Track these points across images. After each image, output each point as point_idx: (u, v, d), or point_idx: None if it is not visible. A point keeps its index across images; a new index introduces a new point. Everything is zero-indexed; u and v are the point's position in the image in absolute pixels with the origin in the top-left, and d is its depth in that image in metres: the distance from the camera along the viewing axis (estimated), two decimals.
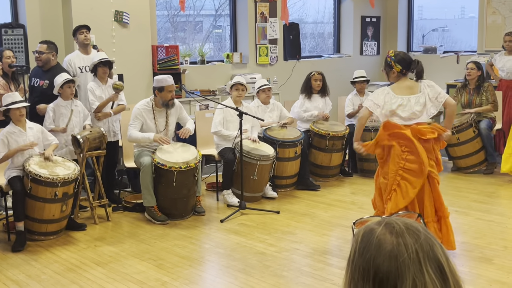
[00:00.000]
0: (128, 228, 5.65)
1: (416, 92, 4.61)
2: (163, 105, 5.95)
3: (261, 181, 6.38)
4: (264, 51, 9.09)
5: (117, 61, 7.04)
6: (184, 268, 4.57)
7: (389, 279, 1.14)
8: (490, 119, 7.45)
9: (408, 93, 4.61)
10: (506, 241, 4.99)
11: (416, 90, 4.63)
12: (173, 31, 9.38)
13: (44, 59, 6.14)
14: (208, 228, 5.60)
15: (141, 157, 5.87)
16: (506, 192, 6.59)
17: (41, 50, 6.15)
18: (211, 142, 6.73)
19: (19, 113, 5.24)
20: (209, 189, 7.01)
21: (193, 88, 8.05)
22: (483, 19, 9.40)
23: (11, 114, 5.25)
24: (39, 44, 6.23)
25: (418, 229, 1.20)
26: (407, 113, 4.55)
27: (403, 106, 4.56)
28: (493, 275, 4.28)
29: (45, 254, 4.96)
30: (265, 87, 6.91)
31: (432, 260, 1.16)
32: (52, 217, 5.23)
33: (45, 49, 6.15)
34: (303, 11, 10.58)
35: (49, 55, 6.16)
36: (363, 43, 10.56)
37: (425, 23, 11.58)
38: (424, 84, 4.66)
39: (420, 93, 4.60)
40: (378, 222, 1.22)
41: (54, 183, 5.12)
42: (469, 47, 10.21)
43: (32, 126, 5.42)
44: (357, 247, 1.21)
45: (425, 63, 9.98)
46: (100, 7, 7.16)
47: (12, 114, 5.24)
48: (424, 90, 4.60)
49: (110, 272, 4.52)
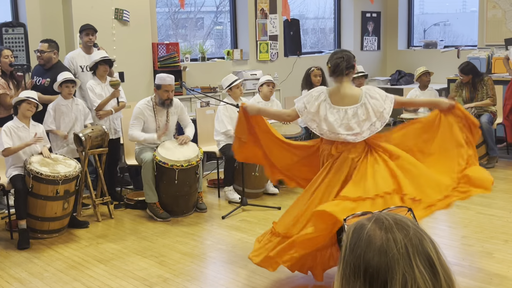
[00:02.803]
0: (130, 225, 5.68)
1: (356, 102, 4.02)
2: (159, 104, 5.96)
3: (263, 178, 6.39)
4: (265, 48, 9.10)
5: (118, 59, 7.05)
6: (186, 265, 4.59)
7: (379, 275, 1.16)
8: (491, 113, 7.44)
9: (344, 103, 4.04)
10: (506, 235, 5.00)
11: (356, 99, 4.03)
12: (174, 28, 9.39)
13: (46, 58, 6.18)
14: (210, 225, 5.62)
15: (142, 154, 5.89)
16: (507, 186, 6.60)
17: (42, 49, 6.18)
18: (212, 139, 6.74)
19: (29, 107, 5.29)
20: (210, 185, 7.03)
21: (193, 85, 8.06)
22: (484, 13, 9.39)
23: (21, 108, 5.31)
24: (40, 43, 6.25)
25: (407, 224, 1.21)
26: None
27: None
28: (494, 269, 4.30)
29: (47, 252, 4.99)
30: (269, 81, 6.89)
31: (422, 254, 1.17)
32: (54, 215, 5.26)
33: (46, 48, 6.18)
34: (304, 7, 10.57)
35: (50, 53, 6.19)
36: (364, 39, 10.55)
37: (426, 18, 11.56)
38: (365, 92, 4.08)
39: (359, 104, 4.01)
40: (368, 218, 1.24)
41: (55, 181, 5.14)
42: (470, 42, 10.19)
43: (35, 124, 5.48)
44: (348, 243, 1.22)
45: (425, 57, 10.15)
46: (100, 5, 7.17)
47: (22, 108, 5.30)
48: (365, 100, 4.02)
49: (112, 269, 4.54)
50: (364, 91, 4.09)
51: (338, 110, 4.02)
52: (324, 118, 4.03)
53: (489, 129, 7.31)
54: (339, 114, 4.01)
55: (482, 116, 7.35)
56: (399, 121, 7.63)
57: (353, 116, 3.97)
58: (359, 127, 3.96)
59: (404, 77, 10.21)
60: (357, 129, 3.96)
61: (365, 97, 4.02)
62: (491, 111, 7.46)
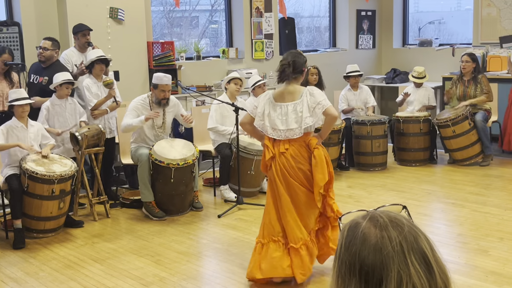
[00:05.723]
0: (125, 225, 5.67)
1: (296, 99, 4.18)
2: (155, 103, 5.97)
3: (258, 176, 6.39)
4: (260, 46, 9.09)
5: (113, 57, 7.03)
6: (182, 264, 4.59)
7: (374, 272, 1.16)
8: (486, 111, 7.46)
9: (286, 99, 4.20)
10: (502, 232, 5.02)
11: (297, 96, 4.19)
12: (169, 26, 9.38)
13: (48, 55, 6.16)
14: (206, 224, 5.62)
15: (138, 153, 5.88)
16: (502, 184, 6.62)
17: (45, 47, 6.15)
18: (208, 137, 6.74)
19: (21, 109, 5.30)
20: (206, 184, 7.03)
21: (189, 84, 8.05)
22: (478, 11, 9.41)
23: (14, 110, 5.33)
24: (43, 40, 6.22)
25: (402, 222, 1.21)
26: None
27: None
28: (490, 266, 4.31)
29: (43, 252, 4.98)
30: (260, 83, 6.91)
31: (417, 252, 1.18)
32: (49, 214, 5.25)
33: (50, 46, 6.15)
34: (299, 5, 10.57)
35: (53, 52, 6.18)
36: (359, 37, 10.56)
37: (421, 16, 11.57)
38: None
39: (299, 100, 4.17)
40: (363, 216, 1.24)
41: (51, 180, 5.14)
42: (465, 40, 10.22)
43: (34, 124, 5.47)
44: (343, 241, 1.23)
45: (420, 56, 10.17)
46: (95, 4, 7.15)
47: (15, 110, 5.32)
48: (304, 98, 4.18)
49: (108, 269, 4.53)
50: (307, 89, 4.26)
51: (280, 107, 4.18)
52: (268, 115, 4.20)
53: (483, 127, 7.32)
54: (281, 110, 4.17)
55: (477, 114, 7.37)
56: (394, 119, 7.64)
57: (292, 112, 4.13)
58: (296, 123, 4.12)
59: (399, 75, 10.23)
60: (295, 125, 4.12)
61: (305, 94, 4.19)
62: (486, 109, 7.47)
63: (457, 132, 7.28)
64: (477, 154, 7.40)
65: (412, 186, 6.61)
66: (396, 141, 7.72)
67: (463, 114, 7.24)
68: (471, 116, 7.31)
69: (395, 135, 7.69)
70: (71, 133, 5.69)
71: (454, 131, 7.27)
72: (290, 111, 4.13)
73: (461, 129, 7.27)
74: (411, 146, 7.55)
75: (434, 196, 6.30)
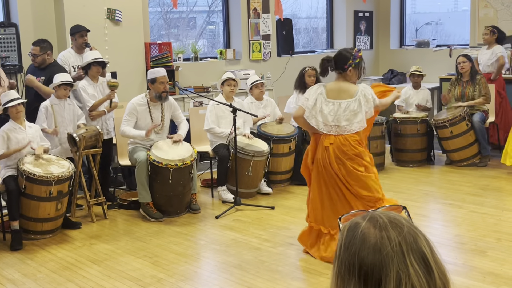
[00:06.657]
0: (123, 226, 5.66)
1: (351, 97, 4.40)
2: (156, 98, 5.96)
3: (256, 177, 6.40)
4: (257, 47, 9.10)
5: (110, 59, 7.03)
6: (180, 265, 4.58)
7: (374, 272, 1.16)
8: (483, 112, 7.47)
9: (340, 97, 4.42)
10: (499, 233, 5.03)
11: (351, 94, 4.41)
12: (166, 28, 9.38)
13: (39, 60, 6.14)
14: (203, 225, 5.61)
15: (135, 154, 5.87)
16: (499, 185, 6.62)
17: (34, 53, 6.12)
18: (205, 139, 6.74)
19: (15, 110, 5.28)
20: (204, 185, 7.02)
21: (186, 85, 8.05)
22: (475, 12, 9.43)
23: (9, 113, 5.32)
24: (32, 46, 6.19)
25: (401, 222, 1.22)
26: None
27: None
28: (487, 267, 4.31)
29: (40, 253, 4.97)
30: (257, 82, 6.91)
31: (416, 252, 1.18)
32: (47, 215, 5.24)
33: (38, 52, 6.12)
34: (296, 6, 10.58)
35: (43, 56, 6.14)
36: (356, 38, 10.57)
37: (418, 17, 11.59)
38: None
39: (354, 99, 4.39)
40: (363, 216, 1.24)
41: (49, 182, 5.13)
42: (462, 41, 10.23)
43: (31, 125, 5.47)
44: (343, 241, 1.23)
45: (418, 56, 10.18)
46: (93, 5, 7.15)
47: (10, 112, 5.31)
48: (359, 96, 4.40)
49: (106, 270, 4.53)
50: (361, 88, 4.44)
51: (333, 103, 4.38)
52: (320, 111, 4.40)
53: (481, 128, 7.34)
54: (333, 106, 4.37)
55: (474, 115, 7.38)
56: (392, 120, 7.65)
57: (345, 109, 4.35)
58: (347, 120, 4.35)
59: (397, 76, 10.25)
60: (345, 122, 4.35)
61: (360, 93, 4.40)
62: (483, 110, 7.49)
63: (455, 133, 7.29)
64: (474, 155, 7.41)
65: (410, 187, 6.62)
66: (394, 142, 7.73)
67: (461, 115, 7.25)
68: (469, 117, 7.32)
69: (393, 136, 7.70)
70: (69, 134, 5.68)
71: (452, 132, 7.28)
72: (343, 108, 4.34)
73: (459, 130, 7.28)
74: (408, 147, 7.56)
75: (432, 197, 6.31)
